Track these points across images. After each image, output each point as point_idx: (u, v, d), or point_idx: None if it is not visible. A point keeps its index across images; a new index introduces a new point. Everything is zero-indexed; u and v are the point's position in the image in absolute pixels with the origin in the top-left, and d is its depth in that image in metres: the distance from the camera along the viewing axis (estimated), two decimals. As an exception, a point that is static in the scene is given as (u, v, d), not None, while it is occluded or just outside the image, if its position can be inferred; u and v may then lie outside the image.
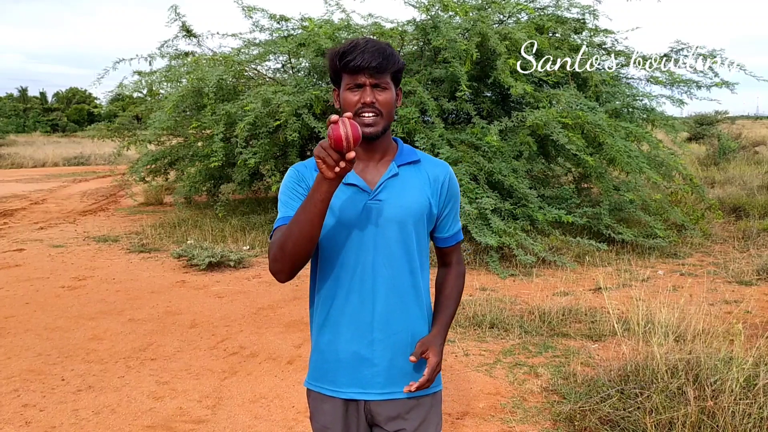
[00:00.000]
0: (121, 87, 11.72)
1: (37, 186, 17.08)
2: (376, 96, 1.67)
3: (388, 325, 1.76)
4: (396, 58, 1.69)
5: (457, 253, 1.94)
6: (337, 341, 1.78)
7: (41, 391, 4.06)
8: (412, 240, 1.77)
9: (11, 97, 59.59)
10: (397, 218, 1.74)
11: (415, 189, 1.77)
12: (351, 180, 1.73)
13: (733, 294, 6.15)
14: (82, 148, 28.49)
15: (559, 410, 3.63)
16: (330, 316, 1.78)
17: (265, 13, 10.28)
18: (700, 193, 9.19)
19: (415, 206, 1.75)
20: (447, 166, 1.85)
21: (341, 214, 1.72)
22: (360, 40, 1.67)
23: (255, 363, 4.53)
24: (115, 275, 7.12)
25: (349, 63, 1.65)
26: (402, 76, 1.77)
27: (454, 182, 1.85)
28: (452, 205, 1.86)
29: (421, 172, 1.80)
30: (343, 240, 1.73)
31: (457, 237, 1.91)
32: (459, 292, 1.92)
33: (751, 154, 17.95)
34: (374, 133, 1.69)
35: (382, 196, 1.73)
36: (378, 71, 1.65)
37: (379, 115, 1.68)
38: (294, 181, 1.78)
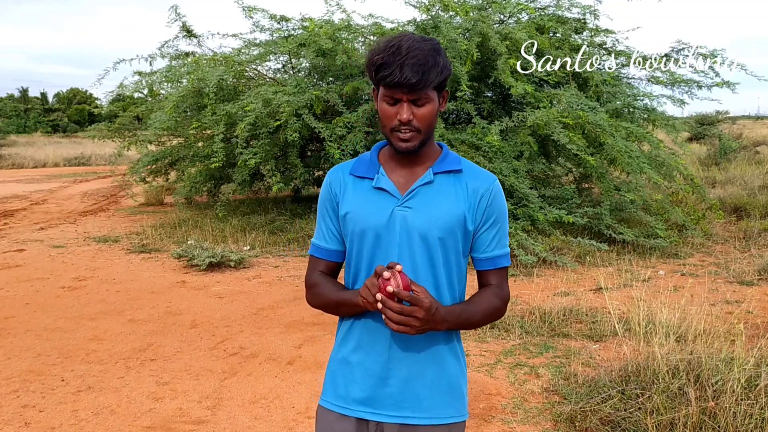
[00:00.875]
0: (122, 87, 11.72)
1: (38, 186, 17.09)
2: (414, 112, 1.54)
3: (406, 344, 1.65)
4: (439, 69, 1.53)
5: (497, 280, 1.72)
6: (354, 356, 1.69)
7: (41, 391, 4.05)
8: (438, 254, 1.63)
9: (12, 97, 59.62)
10: (423, 229, 1.61)
11: (449, 199, 1.63)
12: (381, 184, 1.64)
13: (735, 294, 6.14)
14: (83, 149, 28.49)
15: (559, 411, 3.62)
16: (353, 329, 1.71)
17: (266, 13, 10.28)
18: (701, 194, 9.18)
19: (446, 218, 1.61)
20: (492, 179, 1.68)
21: (368, 219, 1.64)
22: (403, 44, 1.50)
23: (255, 363, 4.52)
24: (115, 276, 7.11)
25: (385, 78, 1.51)
26: (448, 79, 1.62)
27: (498, 197, 1.67)
28: (492, 223, 1.67)
29: (460, 182, 1.66)
30: (369, 247, 1.65)
31: (497, 262, 1.70)
32: (488, 308, 1.68)
33: (752, 154, 17.94)
34: (410, 148, 1.58)
35: (411, 204, 1.62)
36: (417, 88, 1.51)
37: (416, 131, 1.57)
38: (325, 197, 1.73)
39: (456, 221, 1.62)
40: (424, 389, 1.66)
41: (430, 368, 1.66)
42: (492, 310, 1.68)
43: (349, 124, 8.88)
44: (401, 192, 1.63)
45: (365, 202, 1.65)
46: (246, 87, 10.46)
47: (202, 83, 9.33)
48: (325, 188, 1.73)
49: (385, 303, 1.47)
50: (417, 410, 1.65)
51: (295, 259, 7.93)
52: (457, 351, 1.72)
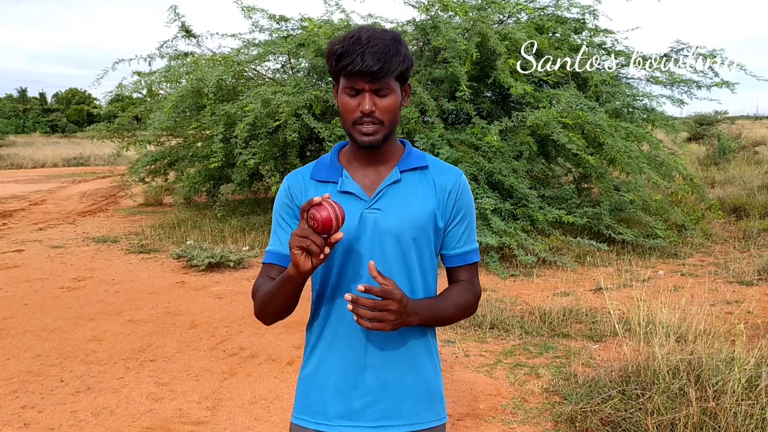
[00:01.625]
0: (121, 87, 11.72)
1: (37, 187, 17.07)
2: (376, 103, 1.49)
3: (382, 351, 1.58)
4: (401, 58, 1.48)
5: (468, 276, 1.68)
6: (326, 365, 1.61)
7: (40, 392, 4.04)
8: (412, 255, 1.57)
9: (11, 97, 59.57)
10: (395, 230, 1.55)
11: (418, 197, 1.58)
12: (347, 187, 1.57)
13: (734, 294, 6.13)
14: (82, 149, 28.49)
15: (560, 411, 3.61)
16: (323, 337, 1.62)
17: (265, 13, 10.28)
18: (701, 194, 9.18)
19: (417, 217, 1.56)
20: (459, 174, 1.64)
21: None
22: (362, 35, 1.45)
23: (254, 364, 4.51)
24: (114, 276, 7.10)
25: (346, 67, 1.45)
26: (411, 73, 1.58)
27: (465, 192, 1.63)
28: (461, 218, 1.63)
29: (427, 178, 1.61)
30: (340, 255, 1.57)
31: (467, 258, 1.67)
32: (460, 302, 1.64)
33: (751, 154, 17.94)
34: (373, 142, 1.51)
35: (380, 205, 1.56)
36: (379, 77, 1.46)
37: (379, 123, 1.50)
38: (283, 203, 1.64)
39: (427, 219, 1.58)
40: (403, 395, 1.60)
41: (408, 372, 1.61)
42: (464, 305, 1.64)
43: (348, 124, 8.87)
44: (368, 193, 1.57)
45: None
46: (245, 87, 10.46)
47: (201, 83, 9.32)
48: (282, 194, 1.64)
49: (357, 300, 1.40)
50: (398, 418, 1.60)
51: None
52: (433, 350, 1.68)
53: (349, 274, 1.57)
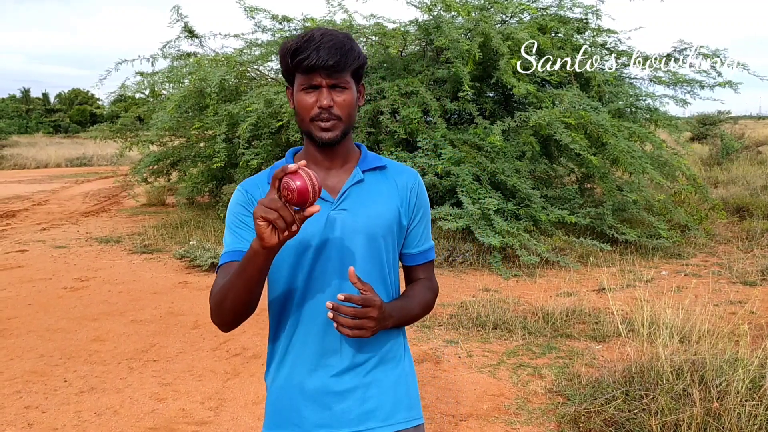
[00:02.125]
0: (124, 88, 11.74)
1: (40, 187, 17.10)
2: (334, 98, 1.47)
3: (359, 352, 1.56)
4: (356, 53, 1.48)
5: (427, 273, 1.70)
6: (299, 374, 1.55)
7: (43, 392, 4.05)
8: (383, 254, 1.57)
9: (14, 98, 59.68)
10: (366, 229, 1.53)
11: (383, 196, 1.58)
12: None
13: (738, 294, 6.12)
14: (85, 149, 28.54)
15: (563, 412, 3.61)
16: (292, 347, 1.56)
17: (268, 13, 10.29)
18: (704, 194, 9.17)
19: (384, 215, 1.56)
20: (415, 174, 1.66)
21: (303, 230, 1.47)
22: (316, 33, 1.46)
23: (257, 364, 4.51)
24: (117, 276, 7.11)
25: (302, 62, 1.44)
26: (365, 71, 1.56)
27: (423, 191, 1.66)
28: (422, 216, 1.66)
29: (388, 178, 1.61)
30: (305, 259, 1.52)
31: (427, 255, 1.69)
32: (424, 301, 1.65)
33: (755, 154, 17.91)
34: (332, 138, 1.49)
35: (346, 205, 1.53)
36: (336, 70, 1.45)
37: (337, 119, 1.48)
38: (242, 205, 1.56)
39: (393, 218, 1.58)
40: (383, 395, 1.57)
41: (387, 372, 1.59)
42: (427, 303, 1.66)
43: (351, 125, 8.86)
44: (332, 195, 1.54)
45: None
46: (248, 87, 10.47)
47: (204, 83, 9.33)
48: (240, 198, 1.57)
49: (338, 309, 1.37)
50: (379, 419, 1.56)
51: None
52: (405, 347, 1.68)
53: (319, 278, 1.53)
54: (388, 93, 8.65)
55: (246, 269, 1.35)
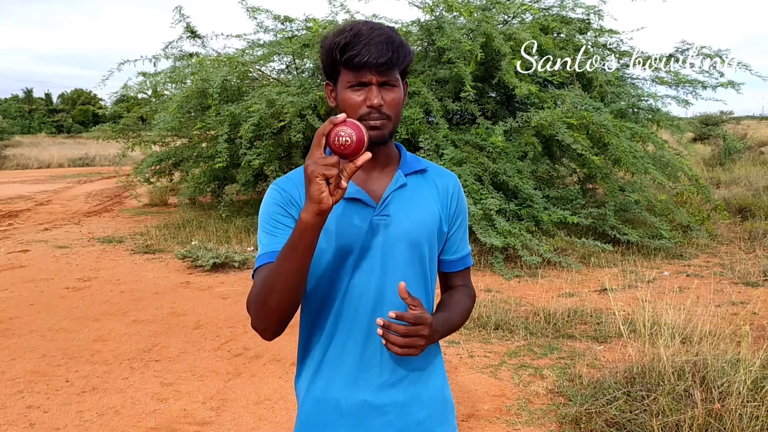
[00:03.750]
0: (126, 88, 11.74)
1: (42, 187, 17.12)
2: (383, 96, 1.38)
3: (399, 366, 1.49)
4: (406, 50, 1.40)
5: (465, 280, 1.65)
6: (337, 389, 1.48)
7: (45, 392, 4.05)
8: (426, 262, 1.50)
9: (16, 98, 59.82)
10: (409, 236, 1.46)
11: (425, 201, 1.51)
12: (353, 193, 1.44)
13: (740, 295, 6.11)
14: (87, 149, 28.56)
15: (564, 412, 3.61)
16: (328, 358, 1.49)
17: (270, 14, 10.29)
18: (706, 194, 9.15)
19: (427, 222, 1.49)
20: (455, 177, 1.60)
21: (340, 235, 1.44)
22: (363, 27, 1.37)
23: (259, 364, 4.52)
24: (119, 276, 7.12)
25: (353, 58, 1.35)
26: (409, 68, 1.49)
27: (462, 196, 1.59)
28: (461, 221, 1.59)
29: (428, 182, 1.54)
30: (345, 266, 1.45)
31: (466, 261, 1.63)
32: (465, 310, 1.60)
33: (757, 155, 17.89)
34: (381, 137, 1.40)
35: (389, 211, 1.45)
36: (387, 67, 1.36)
37: (386, 118, 1.40)
38: (280, 205, 1.46)
39: (434, 224, 1.51)
40: (422, 410, 1.52)
41: (424, 386, 1.54)
42: (467, 312, 1.60)
43: (352, 125, 8.86)
44: (375, 200, 1.46)
45: (340, 215, 1.44)
46: (250, 88, 10.47)
47: (206, 84, 9.33)
48: (275, 197, 1.47)
49: (389, 326, 1.33)
50: None
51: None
52: (441, 360, 1.63)
53: (358, 286, 1.45)
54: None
55: (297, 248, 1.26)
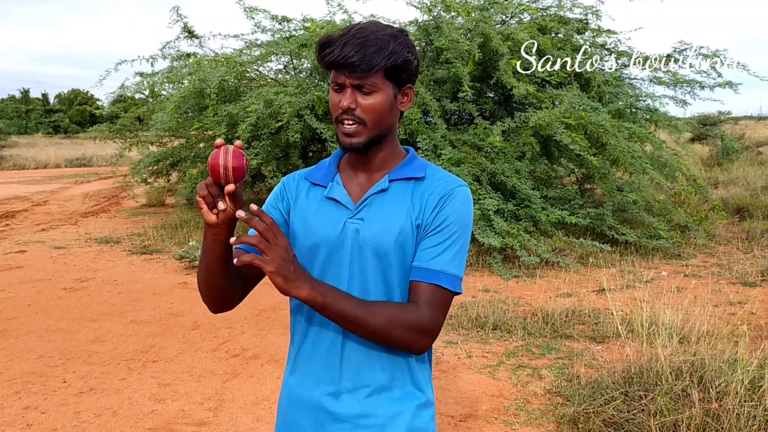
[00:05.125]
0: (123, 88, 11.72)
1: (39, 187, 17.09)
2: (358, 100, 1.35)
3: (358, 375, 1.41)
4: (387, 53, 1.32)
5: (424, 298, 1.36)
6: (303, 385, 1.47)
7: (43, 393, 4.04)
8: (392, 273, 1.39)
9: (13, 98, 59.67)
10: (375, 243, 1.38)
11: (403, 209, 1.40)
12: (334, 194, 1.44)
13: (738, 295, 6.12)
14: (84, 150, 28.52)
15: (562, 412, 3.61)
16: (301, 354, 1.48)
17: (267, 14, 10.28)
18: (704, 194, 9.17)
19: (398, 230, 1.38)
20: (456, 183, 1.42)
21: (319, 233, 1.42)
22: (355, 27, 1.35)
23: (257, 365, 4.51)
24: (116, 277, 7.11)
25: (324, 57, 1.34)
26: (413, 73, 1.41)
27: (456, 202, 1.40)
28: (440, 229, 1.38)
29: (418, 190, 1.42)
30: (319, 265, 1.43)
31: (430, 275, 1.36)
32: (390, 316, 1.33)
33: (755, 155, 17.92)
34: (354, 145, 1.38)
35: (363, 215, 1.40)
36: (360, 70, 1.32)
37: (360, 123, 1.36)
38: (274, 196, 1.53)
39: (407, 232, 1.38)
40: (376, 427, 1.41)
41: (384, 402, 1.42)
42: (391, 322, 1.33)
43: (350, 125, 8.86)
44: (355, 202, 1.43)
45: (317, 213, 1.45)
46: (247, 88, 10.45)
47: (204, 84, 9.32)
48: (276, 189, 1.55)
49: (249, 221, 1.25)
50: None
51: (297, 260, 7.90)
52: (421, 388, 1.45)
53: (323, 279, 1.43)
54: (388, 93, 8.63)
55: (204, 249, 1.37)
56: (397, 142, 1.49)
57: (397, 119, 1.45)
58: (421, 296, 1.37)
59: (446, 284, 1.37)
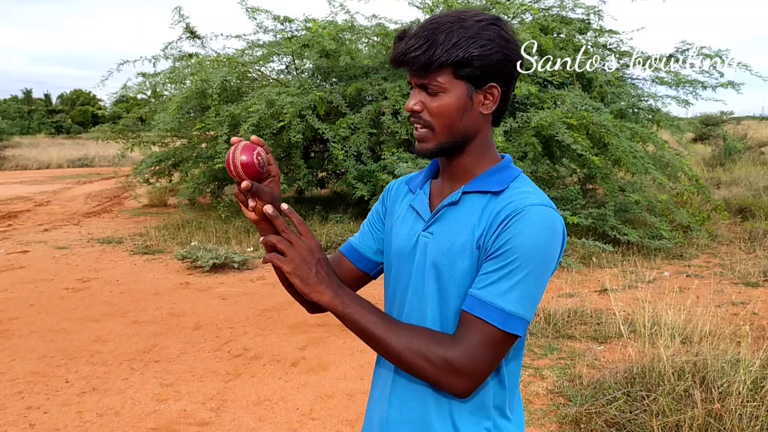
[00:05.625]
0: (125, 89, 11.74)
1: (42, 188, 17.11)
2: (425, 102, 1.20)
3: (403, 404, 1.28)
4: (450, 46, 1.14)
5: (463, 331, 1.16)
6: (370, 405, 1.40)
7: (45, 393, 4.05)
8: (450, 299, 1.22)
9: (16, 99, 59.79)
10: (436, 261, 1.23)
11: (469, 225, 1.21)
12: (415, 203, 1.34)
13: (740, 295, 6.11)
14: (87, 150, 28.54)
15: (564, 413, 3.61)
16: (374, 371, 1.41)
17: (269, 14, 10.30)
18: (706, 194, 9.16)
19: (458, 245, 1.22)
20: (525, 202, 1.17)
21: (395, 244, 1.34)
22: (433, 17, 1.18)
23: (259, 365, 4.51)
24: (119, 277, 7.12)
25: (393, 53, 1.20)
26: (495, 69, 1.18)
27: (520, 225, 1.14)
28: (499, 255, 1.15)
29: (491, 205, 1.21)
30: (392, 277, 1.35)
31: (477, 306, 1.15)
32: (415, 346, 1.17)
33: (757, 155, 17.89)
34: (423, 151, 1.24)
35: (433, 228, 1.26)
36: (419, 67, 1.17)
37: (428, 127, 1.22)
38: (380, 200, 1.46)
39: (468, 253, 1.20)
40: None
41: None
42: (415, 353, 1.17)
43: (352, 125, 8.89)
44: (431, 213, 1.30)
45: (401, 222, 1.35)
46: (249, 88, 10.47)
47: (206, 84, 9.34)
48: (383, 192, 1.47)
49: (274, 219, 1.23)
50: None
51: (299, 260, 7.90)
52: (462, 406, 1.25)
53: (391, 298, 1.36)
54: (390, 94, 8.65)
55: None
56: (487, 148, 1.29)
57: (483, 123, 1.25)
58: (463, 329, 1.17)
59: (493, 320, 1.14)
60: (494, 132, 7.64)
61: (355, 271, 1.45)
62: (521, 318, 1.14)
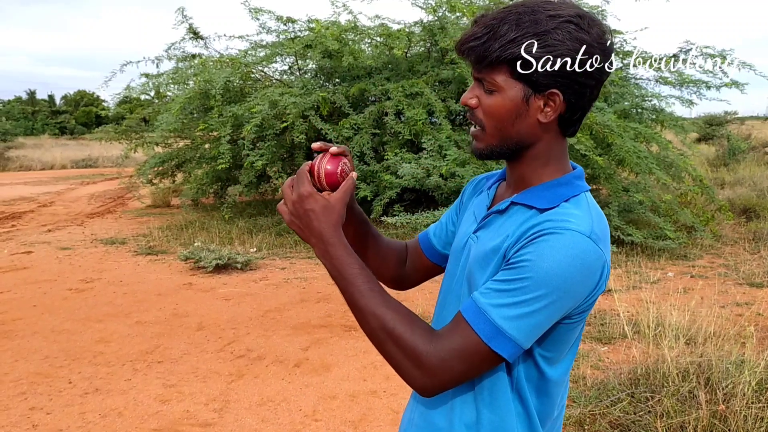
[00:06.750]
0: (129, 89, 11.76)
1: (45, 188, 17.15)
2: (480, 98, 1.11)
3: (427, 409, 1.24)
4: (506, 42, 1.05)
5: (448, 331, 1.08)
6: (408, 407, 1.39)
7: (48, 393, 4.05)
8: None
9: (19, 99, 59.96)
10: (471, 265, 1.18)
11: (504, 235, 1.13)
12: (474, 204, 1.32)
13: (744, 296, 6.09)
14: (90, 151, 28.61)
15: (568, 414, 3.59)
16: None
17: (272, 14, 10.30)
18: (710, 194, 9.13)
19: (490, 253, 1.15)
20: (555, 224, 1.05)
21: (454, 243, 1.31)
22: (512, 5, 1.08)
23: (262, 366, 4.51)
24: (122, 278, 7.12)
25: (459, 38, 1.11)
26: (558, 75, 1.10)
27: (543, 245, 1.03)
28: (512, 265, 1.06)
29: (530, 221, 1.09)
30: (445, 276, 1.32)
31: (470, 309, 1.07)
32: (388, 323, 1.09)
33: (761, 155, 17.84)
34: (474, 151, 1.17)
35: (480, 233, 1.20)
36: (474, 60, 1.08)
37: (480, 126, 1.13)
38: (459, 195, 1.44)
39: (495, 264, 1.12)
40: None
41: None
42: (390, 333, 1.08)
43: (355, 126, 8.88)
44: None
45: (465, 220, 1.31)
46: (252, 89, 10.49)
47: (209, 85, 9.35)
48: (466, 185, 1.43)
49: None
50: None
51: (302, 261, 7.91)
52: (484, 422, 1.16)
53: (440, 295, 1.31)
54: (393, 94, 8.65)
55: None
56: (548, 160, 1.16)
57: (541, 132, 1.13)
58: (448, 328, 1.09)
59: (480, 330, 1.04)
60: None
61: (425, 261, 1.43)
62: (511, 339, 1.03)
